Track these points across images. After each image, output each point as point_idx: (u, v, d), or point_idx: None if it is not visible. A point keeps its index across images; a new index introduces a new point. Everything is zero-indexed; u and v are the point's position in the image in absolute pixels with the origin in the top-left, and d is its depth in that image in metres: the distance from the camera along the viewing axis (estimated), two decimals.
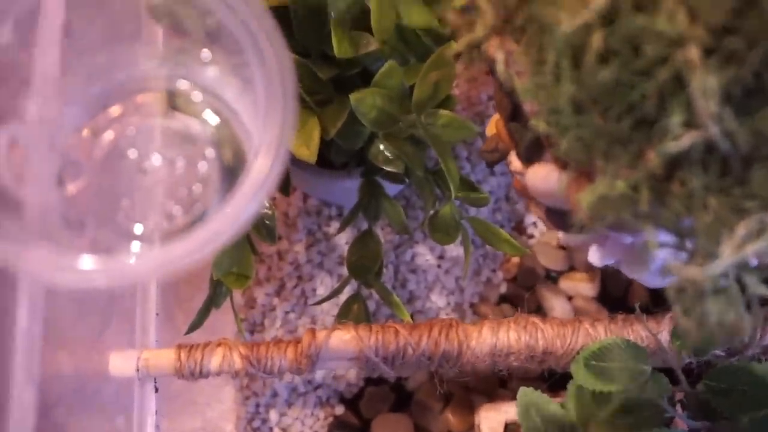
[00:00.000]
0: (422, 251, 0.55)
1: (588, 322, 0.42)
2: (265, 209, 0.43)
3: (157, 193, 0.26)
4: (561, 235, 0.35)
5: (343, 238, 0.55)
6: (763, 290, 0.25)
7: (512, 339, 0.42)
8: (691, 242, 0.25)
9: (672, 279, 0.26)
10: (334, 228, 0.55)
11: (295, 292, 0.54)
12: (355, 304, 0.48)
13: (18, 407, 0.32)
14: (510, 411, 0.46)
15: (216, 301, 0.45)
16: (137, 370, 0.44)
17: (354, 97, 0.40)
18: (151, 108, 0.27)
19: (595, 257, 0.36)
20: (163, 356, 0.44)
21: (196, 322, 0.45)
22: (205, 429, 0.53)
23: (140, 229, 0.25)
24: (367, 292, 0.52)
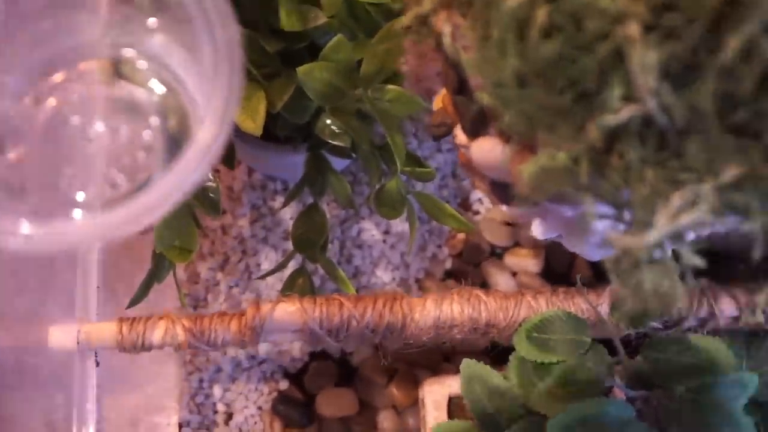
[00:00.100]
0: (368, 227, 0.55)
1: (530, 294, 0.43)
2: (209, 182, 0.43)
3: (100, 160, 0.25)
4: (505, 209, 0.36)
5: (288, 213, 0.55)
6: (697, 261, 0.26)
7: (456, 311, 0.43)
8: (629, 214, 0.26)
9: (611, 251, 0.27)
10: (279, 203, 0.55)
11: (239, 267, 0.54)
12: (300, 278, 0.48)
13: None
14: (454, 385, 0.46)
15: (158, 275, 0.45)
16: (78, 343, 0.43)
17: (302, 70, 0.40)
18: (95, 75, 0.27)
19: (538, 231, 0.36)
20: (105, 329, 0.44)
21: (138, 296, 0.45)
22: (148, 405, 0.53)
23: (83, 197, 0.25)
24: (312, 267, 0.52)
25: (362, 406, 0.52)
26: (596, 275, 0.54)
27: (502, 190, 0.35)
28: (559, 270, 0.55)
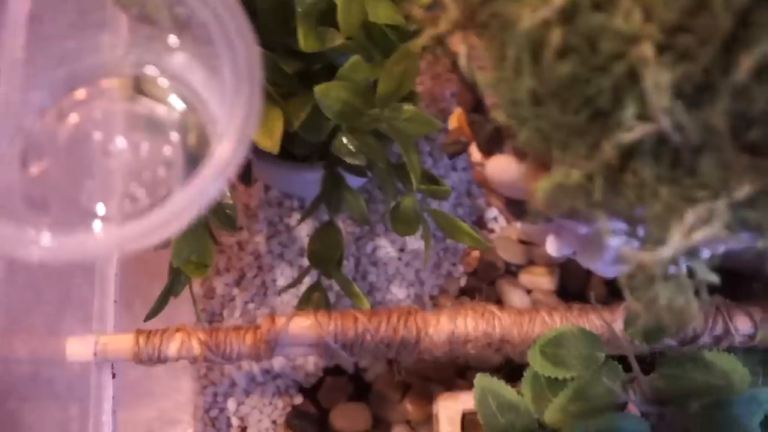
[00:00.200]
0: (383, 244, 0.56)
1: (544, 310, 0.43)
2: (226, 199, 0.43)
3: (121, 175, 0.26)
4: (520, 226, 0.36)
5: (305, 231, 0.56)
6: (711, 277, 0.26)
7: (470, 327, 0.43)
8: (643, 230, 0.26)
9: (625, 268, 0.27)
10: (296, 219, 0.56)
11: (255, 283, 0.55)
12: (315, 293, 0.48)
13: None
14: (468, 400, 0.46)
15: (175, 289, 0.45)
16: (94, 355, 0.44)
17: (319, 90, 0.40)
18: (117, 92, 0.27)
19: (552, 247, 0.37)
20: (122, 341, 0.44)
21: (155, 310, 0.45)
22: (163, 418, 0.53)
23: (103, 211, 0.26)
24: (328, 284, 0.52)
25: (376, 422, 0.53)
26: (611, 293, 0.54)
27: (517, 207, 0.35)
28: (574, 288, 0.55)
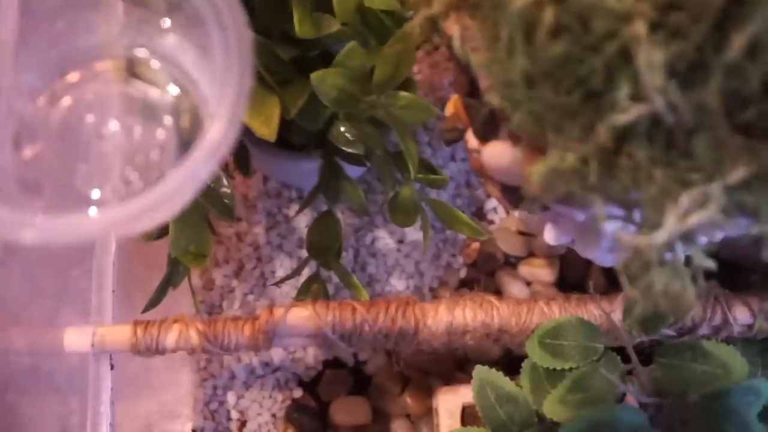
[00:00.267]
0: (382, 235, 0.55)
1: (543, 301, 0.43)
2: (224, 187, 0.43)
3: (114, 158, 0.26)
4: (517, 214, 0.36)
5: (303, 222, 0.55)
6: (708, 263, 0.26)
7: (468, 317, 0.43)
8: (639, 214, 0.26)
9: (622, 256, 0.27)
10: (294, 211, 0.56)
11: (254, 274, 0.55)
12: (314, 285, 0.48)
13: None
14: (467, 394, 0.46)
15: (173, 280, 0.45)
16: (92, 346, 0.44)
17: (315, 76, 0.40)
18: (110, 75, 0.27)
19: (550, 236, 0.36)
20: (119, 332, 0.44)
21: (153, 301, 0.45)
22: (162, 412, 0.53)
23: (97, 194, 0.25)
24: (327, 275, 0.52)
25: (376, 415, 0.52)
26: (611, 285, 0.54)
27: (514, 195, 0.35)
28: (574, 280, 0.55)
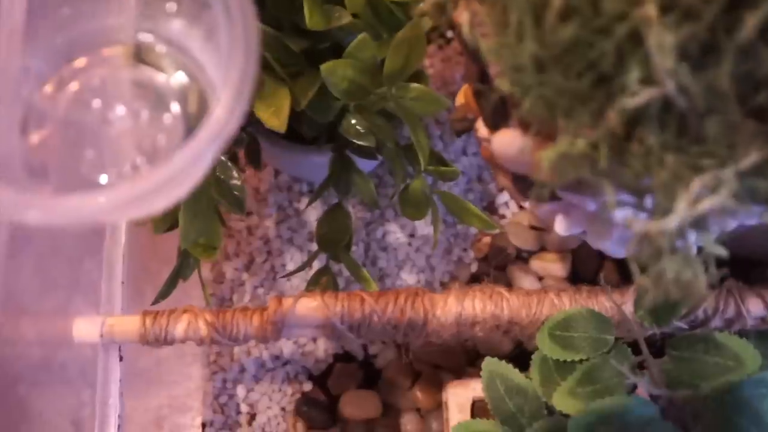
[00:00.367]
0: (393, 229, 0.55)
1: (553, 292, 0.43)
2: (234, 179, 0.43)
3: (121, 143, 0.26)
4: (529, 206, 0.35)
5: (314, 215, 0.55)
6: (719, 250, 0.26)
7: (477, 308, 0.42)
8: (650, 201, 0.26)
9: (633, 245, 0.26)
10: (305, 204, 0.56)
11: (265, 267, 0.54)
12: (324, 277, 0.48)
13: None
14: (477, 388, 0.46)
15: (183, 272, 0.45)
16: (101, 336, 0.44)
17: (325, 67, 0.40)
18: (117, 60, 0.27)
19: (561, 226, 0.36)
20: (129, 322, 0.44)
21: (164, 292, 0.45)
22: (172, 405, 0.53)
23: (105, 179, 0.25)
24: (337, 269, 0.52)
25: (386, 409, 0.52)
26: (623, 280, 0.53)
27: (525, 184, 0.35)
28: (586, 275, 0.54)
